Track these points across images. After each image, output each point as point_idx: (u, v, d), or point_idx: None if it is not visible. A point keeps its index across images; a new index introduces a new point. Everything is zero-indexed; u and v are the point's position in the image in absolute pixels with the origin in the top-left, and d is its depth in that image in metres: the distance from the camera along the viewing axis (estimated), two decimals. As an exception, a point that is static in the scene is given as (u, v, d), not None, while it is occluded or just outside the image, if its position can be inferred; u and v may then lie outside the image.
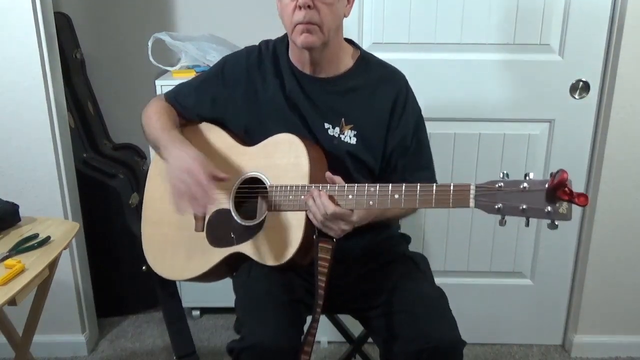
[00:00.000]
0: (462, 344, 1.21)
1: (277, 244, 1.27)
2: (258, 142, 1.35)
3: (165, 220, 1.44)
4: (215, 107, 1.42)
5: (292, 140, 1.30)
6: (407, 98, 1.37)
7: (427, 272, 1.42)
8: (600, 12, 1.76)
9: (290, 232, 1.26)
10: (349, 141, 1.33)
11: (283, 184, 1.27)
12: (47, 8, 1.81)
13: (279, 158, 1.31)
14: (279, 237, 1.28)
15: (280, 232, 1.27)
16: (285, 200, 1.25)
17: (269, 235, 1.29)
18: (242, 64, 1.40)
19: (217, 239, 1.35)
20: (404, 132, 1.36)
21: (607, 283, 1.98)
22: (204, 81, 1.45)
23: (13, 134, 1.84)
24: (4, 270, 1.28)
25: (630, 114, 1.81)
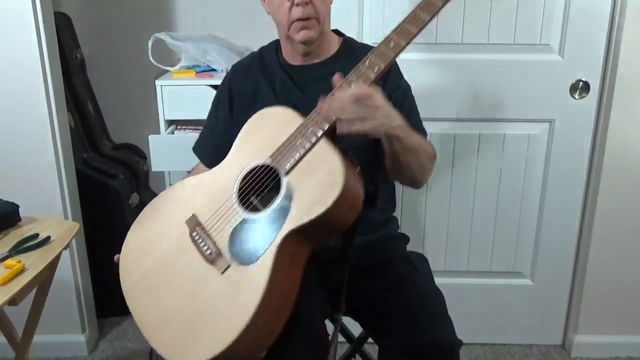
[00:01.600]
0: (458, 344, 1.22)
1: (318, 192, 1.07)
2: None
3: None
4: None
5: (261, 114, 1.21)
6: (392, 69, 1.37)
7: (426, 272, 1.42)
8: (600, 12, 1.76)
9: (326, 166, 1.08)
10: None
11: (280, 144, 1.13)
12: (47, 8, 1.81)
13: (257, 138, 1.19)
14: (314, 184, 1.08)
15: (313, 178, 1.09)
16: (293, 148, 1.11)
17: (303, 194, 1.09)
18: (226, 89, 1.43)
19: (246, 253, 1.11)
20: (394, 100, 1.31)
21: (607, 283, 1.98)
22: (208, 124, 1.49)
23: (13, 134, 1.84)
24: (4, 270, 1.28)
25: (630, 114, 1.81)
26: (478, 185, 1.96)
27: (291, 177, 1.10)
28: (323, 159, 1.09)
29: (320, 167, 1.08)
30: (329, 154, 1.09)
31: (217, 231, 1.12)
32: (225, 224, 1.12)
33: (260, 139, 1.18)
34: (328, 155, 1.09)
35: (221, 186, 1.17)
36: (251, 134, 1.20)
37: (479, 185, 1.96)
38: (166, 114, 2.01)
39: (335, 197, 1.04)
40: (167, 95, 1.98)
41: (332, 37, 1.39)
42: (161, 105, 2.00)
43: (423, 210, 2.00)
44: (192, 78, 2.03)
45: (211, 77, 2.02)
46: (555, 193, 1.94)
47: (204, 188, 1.20)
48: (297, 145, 1.11)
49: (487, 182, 1.95)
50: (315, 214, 1.05)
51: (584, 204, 1.96)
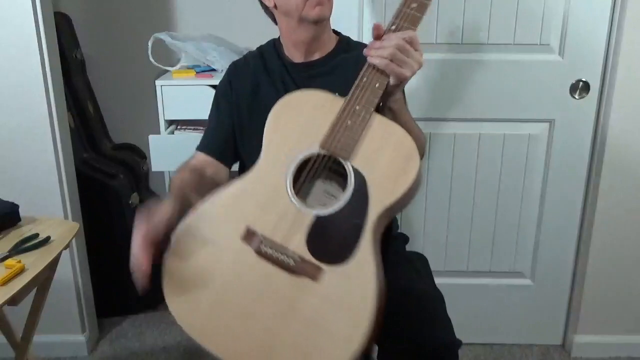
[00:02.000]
0: (457, 345, 1.22)
1: (396, 168, 1.03)
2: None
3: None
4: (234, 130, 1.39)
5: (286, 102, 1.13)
6: None
7: (425, 272, 1.42)
8: (600, 12, 1.76)
9: (391, 139, 1.04)
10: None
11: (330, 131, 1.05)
12: (47, 8, 1.81)
13: (292, 129, 1.09)
14: (388, 162, 1.03)
15: (384, 155, 1.03)
16: (347, 129, 1.05)
17: (380, 174, 1.03)
18: (227, 85, 1.41)
19: (336, 251, 1.02)
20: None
21: (607, 283, 1.98)
22: (211, 122, 1.45)
23: (13, 134, 1.84)
24: (4, 270, 1.28)
25: (630, 114, 1.81)
26: (478, 185, 1.96)
27: (356, 160, 1.04)
28: (386, 133, 1.05)
29: (385, 142, 1.04)
30: (388, 126, 1.05)
31: (288, 237, 1.02)
32: (294, 227, 1.02)
33: (296, 129, 1.09)
34: (389, 128, 1.05)
35: (271, 188, 1.06)
36: (282, 125, 1.11)
37: (479, 185, 1.96)
38: (166, 114, 2.01)
39: (417, 168, 1.02)
40: (167, 95, 1.99)
41: (331, 34, 1.41)
42: (161, 105, 2.00)
43: (423, 210, 2.00)
44: (192, 78, 2.03)
45: (211, 77, 2.02)
46: (555, 193, 1.94)
47: (247, 196, 1.07)
48: (350, 125, 1.04)
49: (487, 182, 1.95)
50: (402, 191, 1.01)
51: (584, 204, 1.96)
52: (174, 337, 2.18)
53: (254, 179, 1.09)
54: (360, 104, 1.06)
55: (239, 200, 1.08)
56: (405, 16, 1.08)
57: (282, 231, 1.03)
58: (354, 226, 1.01)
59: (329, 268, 0.99)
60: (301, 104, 1.12)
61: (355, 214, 1.01)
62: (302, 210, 1.03)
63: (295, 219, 1.03)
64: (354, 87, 1.08)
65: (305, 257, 1.00)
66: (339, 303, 0.97)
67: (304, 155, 1.07)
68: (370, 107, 1.05)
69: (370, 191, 1.02)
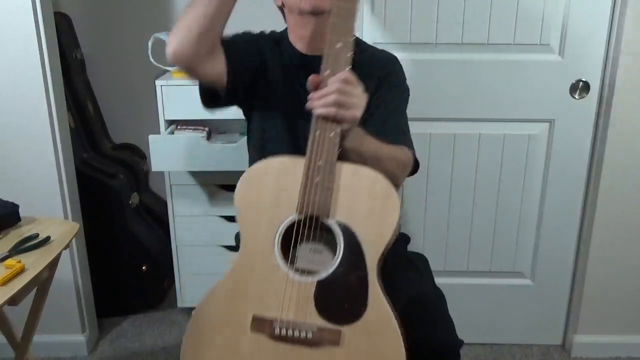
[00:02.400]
0: (459, 345, 1.22)
1: (378, 209, 1.03)
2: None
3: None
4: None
5: (246, 179, 1.10)
6: (395, 66, 1.38)
7: (426, 272, 1.42)
8: (600, 12, 1.76)
9: (364, 183, 1.04)
10: None
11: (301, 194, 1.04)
12: (47, 8, 1.81)
13: (263, 203, 1.07)
14: (368, 205, 1.03)
15: (361, 200, 1.03)
16: (318, 188, 1.04)
17: (364, 220, 1.03)
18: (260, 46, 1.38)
19: (350, 309, 1.01)
20: (388, 86, 1.34)
21: (607, 283, 1.98)
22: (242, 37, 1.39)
23: (13, 134, 1.84)
24: (4, 270, 1.28)
25: (630, 114, 1.81)
26: (478, 185, 1.96)
27: (337, 215, 1.04)
28: (356, 180, 1.04)
29: (359, 189, 1.03)
30: (357, 172, 1.05)
31: (298, 312, 1.01)
32: (300, 300, 1.01)
33: (268, 202, 1.07)
34: (358, 174, 1.05)
35: (262, 269, 1.04)
36: (253, 202, 1.09)
37: (479, 185, 1.96)
38: (166, 114, 2.01)
39: (397, 205, 1.02)
40: (167, 95, 1.98)
41: None
42: (161, 105, 2.00)
43: (423, 210, 2.00)
44: (192, 78, 2.03)
45: (211, 77, 2.02)
46: (555, 193, 1.94)
47: (242, 286, 1.05)
48: (319, 182, 1.03)
49: (487, 182, 1.95)
50: (391, 230, 1.02)
51: (584, 204, 1.96)
52: (174, 337, 2.18)
53: (244, 266, 1.07)
54: (322, 158, 1.04)
55: (236, 293, 1.06)
56: (335, 58, 1.08)
57: (290, 308, 1.01)
58: (358, 279, 1.00)
59: (347, 328, 0.98)
60: (263, 175, 1.09)
61: (355, 266, 1.01)
62: (301, 281, 1.02)
63: (298, 292, 1.02)
64: (310, 144, 1.06)
65: (321, 326, 0.98)
66: (369, 357, 0.97)
67: (285, 226, 1.05)
68: (332, 158, 1.04)
69: (362, 241, 1.02)
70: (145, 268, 2.25)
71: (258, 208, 1.08)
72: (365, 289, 1.00)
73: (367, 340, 0.97)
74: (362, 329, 0.98)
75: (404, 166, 1.25)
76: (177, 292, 2.23)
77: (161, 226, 2.30)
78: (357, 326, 0.98)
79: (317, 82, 1.07)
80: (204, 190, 2.11)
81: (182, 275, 2.20)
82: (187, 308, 2.28)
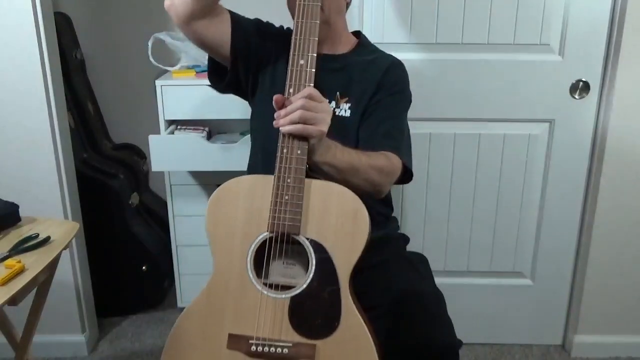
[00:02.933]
0: (457, 345, 1.22)
1: (348, 225, 1.04)
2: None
3: None
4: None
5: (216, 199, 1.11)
6: (397, 71, 1.39)
7: (425, 273, 1.42)
8: (600, 12, 1.76)
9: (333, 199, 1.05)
10: (344, 114, 1.34)
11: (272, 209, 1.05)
12: (47, 8, 1.81)
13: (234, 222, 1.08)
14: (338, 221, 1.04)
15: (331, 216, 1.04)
16: (288, 205, 1.05)
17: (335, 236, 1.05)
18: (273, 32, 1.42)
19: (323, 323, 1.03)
20: (387, 93, 1.35)
21: (607, 283, 1.98)
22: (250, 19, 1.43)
23: (13, 134, 1.84)
24: (4, 270, 1.28)
25: (630, 114, 1.81)
26: (478, 185, 1.96)
27: (308, 231, 1.05)
28: (325, 196, 1.05)
29: (328, 205, 1.04)
30: (325, 188, 1.06)
31: (272, 328, 1.02)
32: (275, 316, 1.02)
33: (238, 220, 1.08)
34: (326, 190, 1.06)
35: (236, 287, 1.06)
36: (223, 221, 1.10)
37: (479, 185, 1.96)
38: (166, 114, 2.01)
39: (366, 219, 1.03)
40: (167, 95, 1.98)
41: (347, 38, 1.43)
42: (161, 105, 2.00)
43: (423, 210, 2.00)
44: (192, 78, 2.03)
45: (211, 77, 2.02)
46: (555, 193, 1.94)
47: (217, 305, 1.07)
48: (289, 200, 1.04)
49: (487, 182, 1.95)
50: (362, 244, 1.03)
51: (584, 204, 1.96)
52: (174, 337, 2.17)
53: (218, 284, 1.09)
54: (291, 176, 1.05)
55: (210, 312, 1.08)
56: (298, 75, 1.09)
57: (266, 324, 1.02)
58: (330, 294, 1.02)
59: (322, 342, 1.00)
60: (233, 193, 1.10)
61: (328, 281, 1.02)
62: (275, 297, 1.03)
63: (273, 308, 1.03)
64: (277, 161, 1.07)
65: (296, 341, 1.00)
66: None
67: (257, 244, 1.06)
68: (300, 176, 1.06)
69: (333, 256, 1.03)
70: (145, 268, 2.25)
71: (230, 227, 1.08)
72: (338, 303, 1.01)
73: (341, 352, 0.99)
74: (336, 342, 1.00)
75: (387, 174, 1.24)
76: (177, 292, 2.23)
77: (161, 226, 2.30)
78: (331, 340, 1.00)
79: (282, 100, 1.08)
80: (204, 190, 2.11)
81: (182, 275, 2.20)
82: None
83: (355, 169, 1.16)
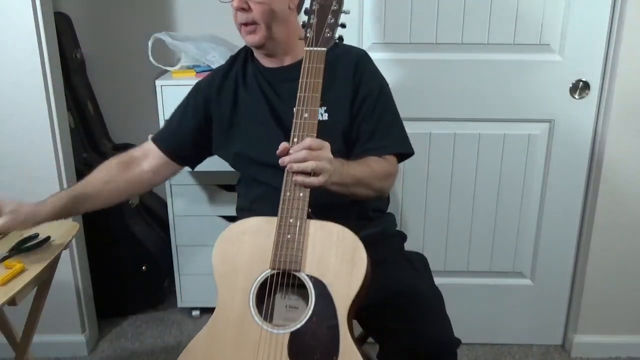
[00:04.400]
0: (455, 343, 1.22)
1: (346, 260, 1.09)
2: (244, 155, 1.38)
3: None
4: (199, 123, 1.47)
5: (223, 239, 1.18)
6: (367, 65, 1.41)
7: (424, 271, 1.42)
8: (600, 12, 1.76)
9: (332, 238, 1.11)
10: (322, 118, 1.36)
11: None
12: (47, 8, 1.81)
13: (239, 262, 1.13)
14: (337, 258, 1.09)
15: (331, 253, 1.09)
16: (289, 244, 1.10)
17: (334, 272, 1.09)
18: (200, 99, 1.47)
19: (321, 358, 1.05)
20: (367, 94, 1.38)
21: (607, 283, 1.98)
22: (173, 118, 1.52)
23: (13, 133, 1.84)
24: (4, 270, 1.28)
25: (630, 114, 1.81)
26: (478, 185, 1.96)
27: (308, 268, 1.09)
28: (325, 234, 1.10)
29: (328, 243, 1.09)
30: (325, 227, 1.10)
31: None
32: (274, 351, 1.05)
33: (243, 259, 1.13)
34: (326, 229, 1.10)
35: (238, 324, 1.09)
36: (230, 259, 1.15)
37: (479, 185, 1.96)
38: (166, 114, 2.01)
39: (364, 256, 1.07)
40: (167, 95, 1.98)
41: (300, 42, 1.37)
42: (161, 105, 2.00)
43: (423, 210, 2.00)
44: (192, 78, 2.03)
45: (211, 77, 2.02)
46: (555, 193, 1.94)
47: (218, 341, 1.10)
48: (291, 238, 1.10)
49: (487, 182, 1.95)
50: (360, 280, 1.06)
51: (584, 204, 1.96)
52: (174, 337, 2.18)
53: (220, 321, 1.12)
54: (293, 216, 1.11)
55: (213, 344, 1.11)
56: (302, 127, 1.15)
57: (264, 359, 1.05)
58: (329, 328, 1.05)
59: None
60: (239, 234, 1.16)
61: (327, 316, 1.05)
62: (275, 333, 1.06)
63: (273, 343, 1.05)
64: (281, 204, 1.12)
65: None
66: None
67: (259, 281, 1.10)
68: (302, 216, 1.11)
69: (332, 292, 1.07)
70: (145, 268, 2.25)
71: (235, 264, 1.13)
72: (337, 338, 1.04)
73: None
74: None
75: (387, 177, 1.33)
76: (177, 292, 2.23)
77: (161, 226, 2.30)
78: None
79: (286, 149, 1.13)
80: (204, 190, 2.11)
81: (182, 275, 2.20)
82: (187, 308, 2.28)
83: (359, 181, 1.24)
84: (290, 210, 1.11)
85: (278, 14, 1.33)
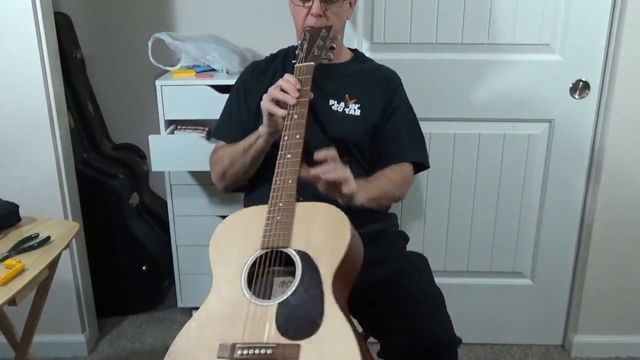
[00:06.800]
0: (456, 341, 1.22)
1: (331, 232, 1.13)
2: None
3: None
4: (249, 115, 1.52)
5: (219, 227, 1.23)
6: (400, 83, 1.54)
7: (424, 271, 1.42)
8: (600, 12, 1.76)
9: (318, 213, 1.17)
10: (354, 113, 1.46)
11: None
12: (47, 8, 1.81)
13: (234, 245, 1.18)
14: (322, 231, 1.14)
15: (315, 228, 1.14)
16: (278, 224, 1.14)
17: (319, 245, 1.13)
18: (250, 75, 1.55)
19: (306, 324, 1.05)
20: (399, 105, 1.50)
21: (607, 283, 1.98)
22: (228, 106, 1.58)
23: (13, 133, 1.84)
24: (4, 270, 1.28)
25: (630, 114, 1.81)
26: (478, 185, 1.96)
27: (295, 243, 1.13)
28: (313, 212, 1.16)
29: (314, 218, 1.15)
30: (314, 206, 1.17)
31: (259, 332, 1.05)
32: (262, 322, 1.06)
33: (237, 243, 1.18)
34: (315, 207, 1.17)
35: (231, 301, 1.11)
36: (224, 244, 1.20)
37: (479, 185, 1.96)
38: (166, 114, 2.01)
39: (349, 227, 1.12)
40: (167, 95, 1.98)
41: (345, 50, 1.56)
42: (161, 105, 2.00)
43: (423, 210, 2.00)
44: (192, 78, 2.03)
45: (211, 77, 2.02)
46: (555, 193, 1.94)
47: (212, 319, 1.12)
48: (280, 219, 1.15)
49: (487, 182, 1.95)
50: (344, 249, 1.09)
51: (584, 204, 1.96)
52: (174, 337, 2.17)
53: (214, 300, 1.14)
54: (282, 200, 1.18)
55: (206, 326, 1.13)
56: (291, 127, 1.24)
57: (253, 330, 1.06)
58: (313, 296, 1.07)
59: (304, 342, 1.02)
60: (235, 222, 1.23)
61: (312, 284, 1.08)
62: (264, 305, 1.08)
63: (263, 315, 1.07)
64: (271, 192, 1.20)
65: (280, 342, 1.03)
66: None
67: (250, 261, 1.14)
68: (291, 199, 1.17)
69: (317, 261, 1.10)
70: (145, 268, 2.25)
71: (228, 249, 1.18)
72: (321, 302, 1.05)
73: (324, 351, 1.01)
74: (319, 341, 1.02)
75: (403, 184, 1.45)
76: (177, 292, 2.23)
77: (161, 226, 2.30)
78: (314, 339, 1.02)
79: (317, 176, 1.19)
80: (204, 190, 2.11)
81: (182, 275, 2.20)
82: (187, 308, 2.28)
83: (384, 193, 1.37)
84: (280, 196, 1.18)
85: (342, 23, 1.47)
